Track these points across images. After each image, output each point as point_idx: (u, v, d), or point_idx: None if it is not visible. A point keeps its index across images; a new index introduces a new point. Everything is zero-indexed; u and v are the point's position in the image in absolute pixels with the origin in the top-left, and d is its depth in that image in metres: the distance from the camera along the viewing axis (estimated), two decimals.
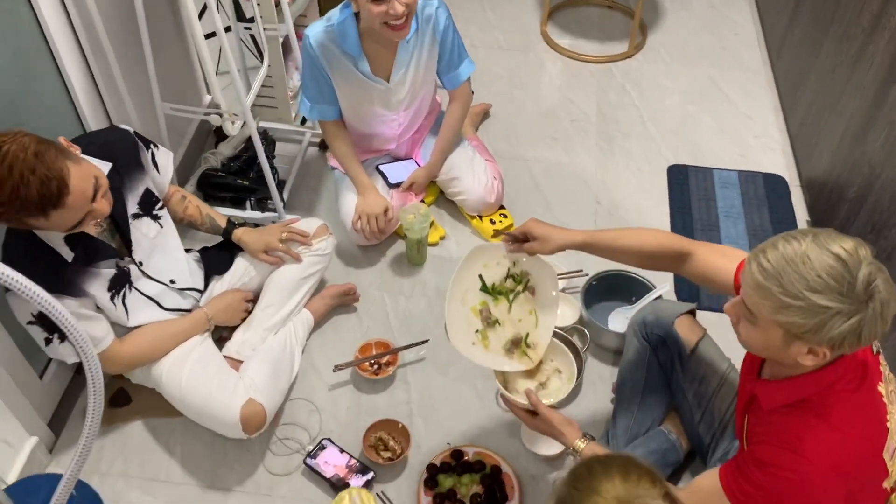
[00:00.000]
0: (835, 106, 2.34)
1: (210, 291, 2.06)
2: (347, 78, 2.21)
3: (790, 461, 1.24)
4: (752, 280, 1.20)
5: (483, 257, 1.72)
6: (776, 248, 1.18)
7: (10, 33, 1.73)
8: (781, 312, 1.17)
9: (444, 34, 2.21)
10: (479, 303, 1.73)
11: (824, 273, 1.13)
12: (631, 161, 2.72)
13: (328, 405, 2.05)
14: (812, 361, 1.21)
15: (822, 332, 1.15)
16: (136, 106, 2.17)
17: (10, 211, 1.45)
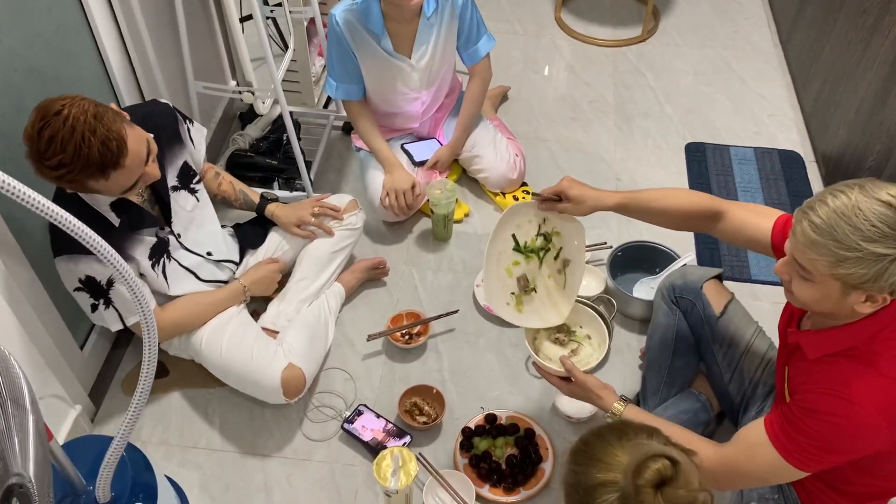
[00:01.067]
0: (850, 79, 2.39)
1: (245, 265, 2.10)
2: (371, 56, 2.25)
3: (842, 407, 1.26)
4: (804, 238, 1.20)
5: (517, 217, 1.73)
6: (825, 204, 1.18)
7: (54, 8, 1.78)
8: (840, 266, 1.17)
9: (463, 9, 2.25)
10: (512, 262, 1.75)
11: (878, 221, 1.14)
12: (649, 139, 2.77)
13: (362, 374, 2.09)
14: (871, 308, 1.22)
15: (882, 279, 1.16)
16: (167, 85, 2.22)
17: (72, 171, 1.49)
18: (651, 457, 1.03)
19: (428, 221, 2.46)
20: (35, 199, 1.12)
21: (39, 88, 1.75)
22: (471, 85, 2.43)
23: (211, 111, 2.63)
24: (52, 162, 1.47)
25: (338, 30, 2.20)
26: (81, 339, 2.02)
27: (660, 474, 1.02)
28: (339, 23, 2.19)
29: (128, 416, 1.42)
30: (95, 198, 1.67)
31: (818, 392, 1.30)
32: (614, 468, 1.06)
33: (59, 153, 1.46)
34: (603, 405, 1.61)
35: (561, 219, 1.73)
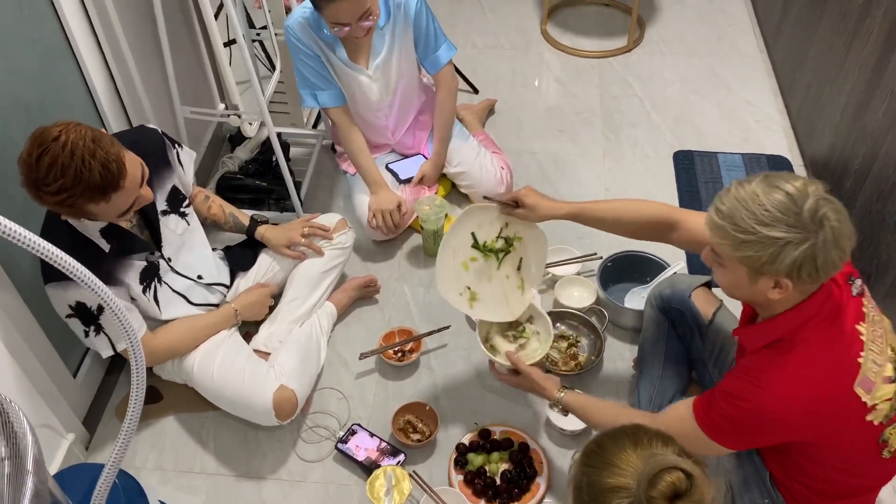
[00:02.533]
0: (834, 82, 2.41)
1: (235, 288, 2.11)
2: (330, 66, 2.24)
3: (749, 392, 1.35)
4: (711, 223, 1.31)
5: (477, 217, 1.81)
6: (730, 192, 1.28)
7: (38, 40, 1.80)
8: (740, 249, 1.26)
9: (417, 18, 2.23)
10: (470, 258, 1.84)
11: (772, 207, 1.22)
12: (637, 149, 2.78)
13: (355, 393, 2.09)
14: (779, 294, 1.30)
15: (777, 261, 1.24)
16: (155, 110, 2.23)
17: (73, 195, 1.49)
18: (666, 468, 1.05)
19: (418, 237, 2.46)
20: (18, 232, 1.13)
21: (25, 119, 1.76)
22: (438, 96, 2.43)
23: (200, 134, 2.65)
24: (52, 187, 1.47)
25: (294, 37, 2.18)
26: (74, 367, 2.03)
27: (674, 487, 1.04)
28: (296, 30, 2.17)
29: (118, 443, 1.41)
30: (85, 224, 1.68)
31: (737, 376, 1.39)
32: (627, 474, 1.08)
33: (59, 178, 1.47)
34: (547, 395, 1.71)
35: (524, 225, 1.81)
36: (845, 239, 1.24)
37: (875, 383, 1.34)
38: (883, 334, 1.40)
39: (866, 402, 1.34)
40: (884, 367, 1.36)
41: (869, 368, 1.34)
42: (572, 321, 2.20)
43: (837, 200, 1.25)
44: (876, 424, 1.37)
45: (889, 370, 1.37)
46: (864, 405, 1.35)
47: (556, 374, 2.06)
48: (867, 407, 1.35)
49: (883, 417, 1.38)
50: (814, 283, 1.29)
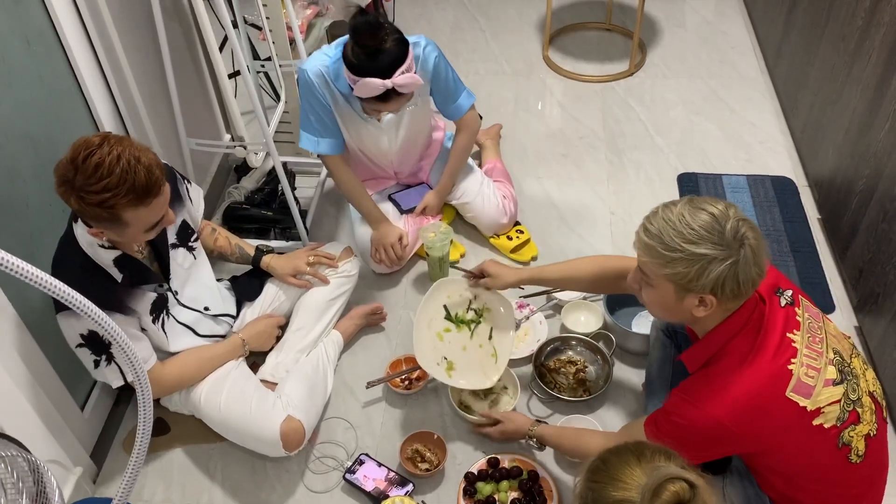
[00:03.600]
0: (836, 103, 2.41)
1: (242, 318, 2.11)
2: (340, 113, 2.22)
3: (686, 410, 1.43)
4: (640, 243, 1.40)
5: (447, 289, 1.98)
6: (657, 214, 1.38)
7: (46, 75, 1.82)
8: (668, 266, 1.35)
9: (435, 72, 2.21)
10: (444, 329, 2.00)
11: (698, 227, 1.32)
12: (641, 172, 2.78)
13: (363, 422, 2.08)
14: (704, 312, 1.39)
15: (703, 277, 1.33)
16: (161, 143, 2.25)
17: (117, 195, 1.50)
18: (669, 479, 1.07)
19: (424, 264, 2.47)
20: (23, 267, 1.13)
21: (33, 154, 1.78)
22: (458, 137, 2.43)
23: (206, 165, 2.67)
24: (97, 187, 1.49)
25: (309, 81, 2.14)
26: (82, 400, 2.03)
27: (677, 497, 1.06)
28: (311, 77, 2.13)
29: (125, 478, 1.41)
30: (99, 254, 1.68)
31: (675, 395, 1.48)
32: (631, 488, 1.11)
33: (105, 177, 1.49)
34: (522, 432, 1.86)
35: (491, 297, 2.02)
36: (761, 257, 1.35)
37: (813, 387, 1.39)
38: (823, 339, 1.45)
39: (806, 407, 1.38)
40: (823, 371, 1.41)
41: (803, 373, 1.39)
42: (579, 347, 2.19)
43: (752, 221, 1.36)
44: (828, 427, 1.40)
45: (831, 372, 1.42)
46: (805, 410, 1.38)
47: (565, 400, 2.06)
48: (809, 411, 1.39)
49: (835, 420, 1.40)
50: (736, 298, 1.37)
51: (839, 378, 1.42)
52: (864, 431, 1.44)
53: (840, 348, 1.48)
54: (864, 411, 1.45)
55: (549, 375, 2.14)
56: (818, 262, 2.41)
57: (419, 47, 2.15)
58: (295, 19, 2.41)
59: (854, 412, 1.43)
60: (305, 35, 2.68)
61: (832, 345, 1.47)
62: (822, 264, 2.41)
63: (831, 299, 2.30)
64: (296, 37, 2.45)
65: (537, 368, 2.13)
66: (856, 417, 1.43)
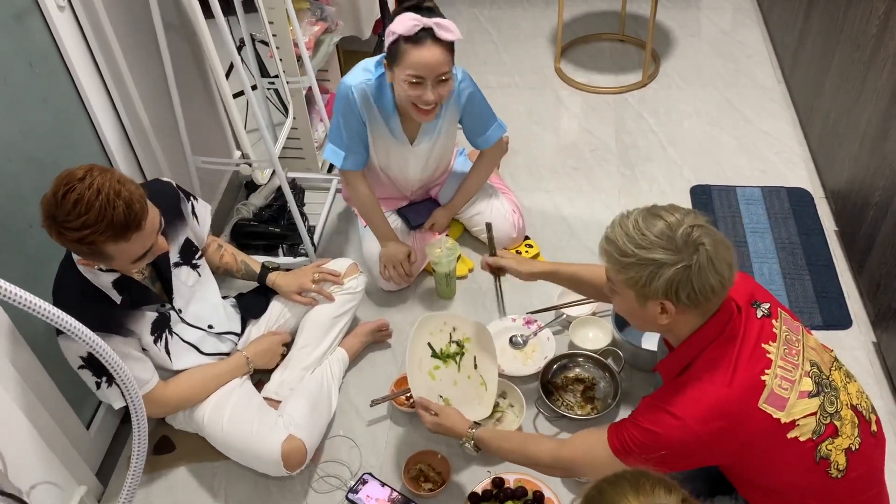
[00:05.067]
0: (851, 113, 2.36)
1: (247, 335, 2.11)
2: (374, 131, 2.23)
3: (657, 418, 1.41)
4: (600, 249, 1.43)
5: (428, 326, 1.96)
6: (616, 222, 1.40)
7: (51, 96, 1.84)
8: (622, 271, 1.37)
9: (468, 105, 2.23)
10: (433, 367, 1.96)
11: (649, 233, 1.34)
12: (654, 184, 2.74)
13: (367, 440, 2.06)
14: (666, 319, 1.39)
15: (655, 282, 1.34)
16: (168, 161, 2.27)
17: (95, 232, 1.50)
18: None
19: (431, 280, 2.45)
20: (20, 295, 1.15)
21: (38, 176, 1.80)
22: (481, 159, 2.42)
23: (216, 182, 2.68)
24: (75, 223, 1.49)
25: (351, 97, 2.13)
26: (88, 418, 2.03)
27: None
28: (355, 92, 2.12)
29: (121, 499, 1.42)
30: (98, 276, 1.69)
31: (647, 403, 1.46)
32: None
33: (83, 214, 1.48)
34: (458, 432, 1.77)
35: (468, 325, 2.01)
36: (722, 264, 1.33)
37: (787, 399, 1.37)
38: (800, 351, 1.43)
39: (780, 419, 1.36)
40: (798, 383, 1.38)
41: (777, 385, 1.37)
42: (587, 364, 2.15)
43: (717, 231, 1.36)
44: (804, 441, 1.37)
45: (807, 384, 1.39)
46: (779, 422, 1.36)
47: (572, 418, 2.02)
48: (783, 423, 1.36)
49: (811, 433, 1.37)
50: (697, 306, 1.36)
51: (815, 390, 1.40)
52: (843, 445, 1.40)
53: (818, 360, 1.45)
54: (844, 424, 1.41)
55: (556, 393, 2.11)
56: (835, 275, 2.35)
57: (455, 80, 2.15)
58: (301, 36, 2.42)
59: (831, 425, 1.39)
60: (313, 51, 2.68)
61: (809, 357, 1.44)
62: (839, 278, 2.35)
63: (848, 314, 2.24)
64: (302, 54, 2.45)
65: (544, 386, 2.10)
66: (833, 430, 1.39)
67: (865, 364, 2.12)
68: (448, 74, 2.02)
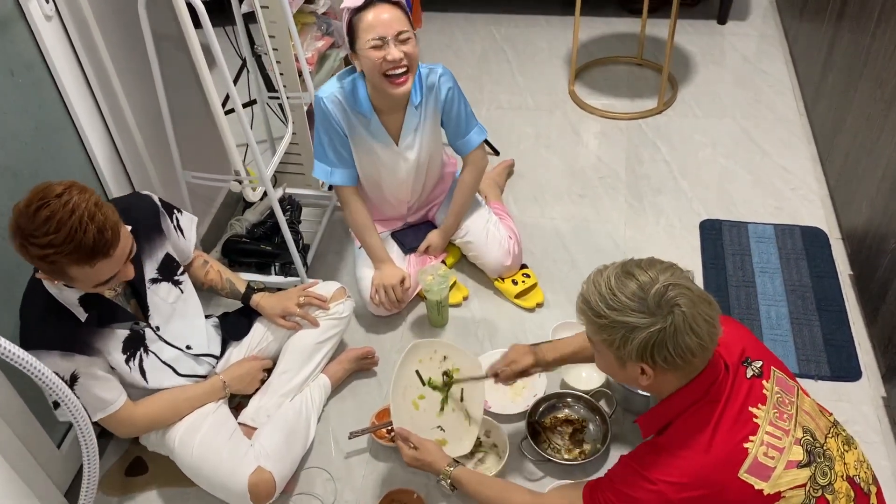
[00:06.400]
0: (871, 153, 2.24)
1: (227, 357, 2.05)
2: (358, 140, 2.19)
3: (632, 481, 1.34)
4: (577, 308, 1.37)
5: (418, 354, 1.89)
6: (590, 279, 1.35)
7: (33, 106, 1.80)
8: (597, 333, 1.32)
9: (448, 104, 2.18)
10: (418, 396, 1.89)
11: (621, 294, 1.28)
12: (662, 217, 2.64)
13: (343, 474, 1.99)
14: (646, 381, 1.33)
15: (628, 345, 1.28)
16: (160, 174, 2.22)
17: (60, 253, 1.45)
18: None
19: (423, 306, 2.37)
20: None
21: (14, 187, 1.75)
22: (464, 173, 2.36)
23: (213, 196, 2.64)
24: (42, 241, 1.44)
25: (325, 109, 2.11)
26: (60, 437, 1.98)
27: None
28: (327, 104, 2.11)
29: None
30: (64, 293, 1.64)
31: (624, 464, 1.40)
32: None
33: (52, 233, 1.44)
34: (436, 468, 1.70)
35: (459, 355, 1.93)
36: (700, 324, 1.26)
37: (773, 469, 1.27)
38: (792, 416, 1.34)
39: (763, 490, 1.26)
40: (787, 451, 1.29)
41: (762, 453, 1.28)
42: (578, 405, 2.06)
43: (696, 288, 1.29)
44: None
45: (797, 453, 1.29)
46: (761, 493, 1.26)
47: (558, 462, 1.93)
48: (767, 495, 1.26)
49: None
50: (676, 368, 1.30)
51: (806, 460, 1.30)
52: None
53: (813, 427, 1.35)
54: (838, 498, 1.31)
55: (543, 434, 2.02)
56: (846, 323, 2.23)
57: (435, 74, 2.14)
58: (302, 51, 2.36)
59: (822, 499, 1.29)
60: (318, 66, 2.63)
61: (803, 422, 1.34)
62: (851, 326, 2.23)
63: (858, 365, 2.12)
64: (303, 69, 2.40)
65: (531, 426, 2.01)
66: None
67: (872, 420, 2.00)
68: (408, 34, 1.98)
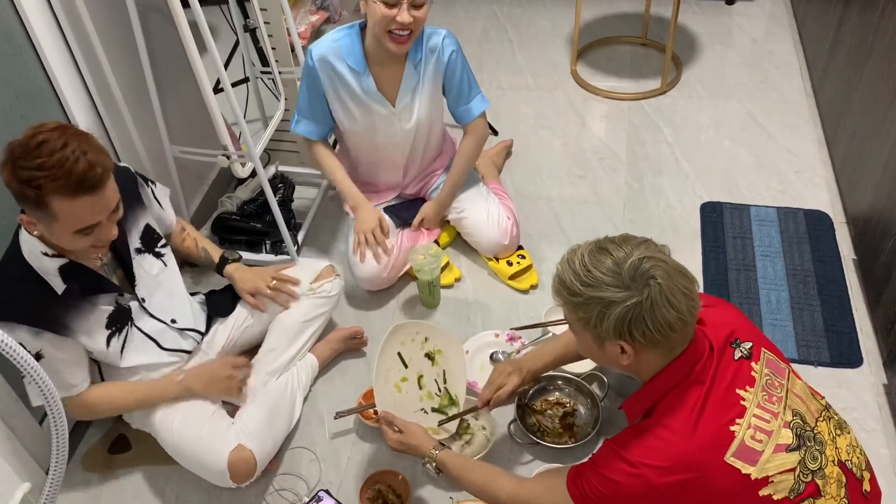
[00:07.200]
0: (878, 134, 2.17)
1: (213, 334, 2.01)
2: (352, 97, 2.14)
3: (615, 465, 1.29)
4: (553, 289, 1.33)
5: (399, 336, 1.83)
6: (564, 258, 1.31)
7: (13, 76, 1.76)
8: (574, 311, 1.28)
9: (450, 66, 2.14)
10: (401, 378, 1.83)
11: (594, 269, 1.24)
12: (662, 199, 2.58)
13: (329, 454, 1.95)
14: (626, 360, 1.29)
15: (606, 321, 1.23)
16: (147, 148, 2.18)
17: (48, 178, 1.41)
18: None
19: (415, 287, 2.33)
20: None
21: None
22: (464, 141, 2.30)
23: (205, 172, 2.60)
24: (32, 163, 1.42)
25: (311, 65, 2.09)
26: (41, 415, 1.95)
27: None
28: (314, 59, 2.08)
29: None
30: (43, 263, 1.60)
31: (608, 448, 1.35)
32: None
33: (44, 156, 1.42)
34: (421, 450, 1.64)
35: (441, 337, 1.88)
36: (678, 297, 1.22)
37: (760, 452, 1.22)
38: (782, 399, 1.29)
39: (751, 475, 1.22)
40: (776, 435, 1.24)
41: (749, 436, 1.23)
42: (570, 388, 2.01)
43: (672, 261, 1.25)
44: (778, 499, 1.22)
45: (786, 437, 1.24)
46: (748, 478, 1.21)
47: (548, 446, 1.89)
48: (754, 480, 1.21)
49: (788, 492, 1.23)
50: (656, 345, 1.25)
51: (795, 443, 1.25)
52: None
53: (803, 410, 1.31)
54: (828, 483, 1.26)
55: (533, 417, 1.98)
56: (848, 308, 2.17)
57: (438, 36, 2.11)
58: (294, 25, 2.32)
59: (813, 484, 1.24)
60: (311, 41, 2.58)
61: (793, 405, 1.30)
62: (854, 312, 2.17)
63: (859, 351, 2.06)
64: (295, 43, 2.35)
65: (521, 408, 1.97)
66: (814, 490, 1.24)
67: (872, 408, 1.94)
68: (423, 1, 1.94)
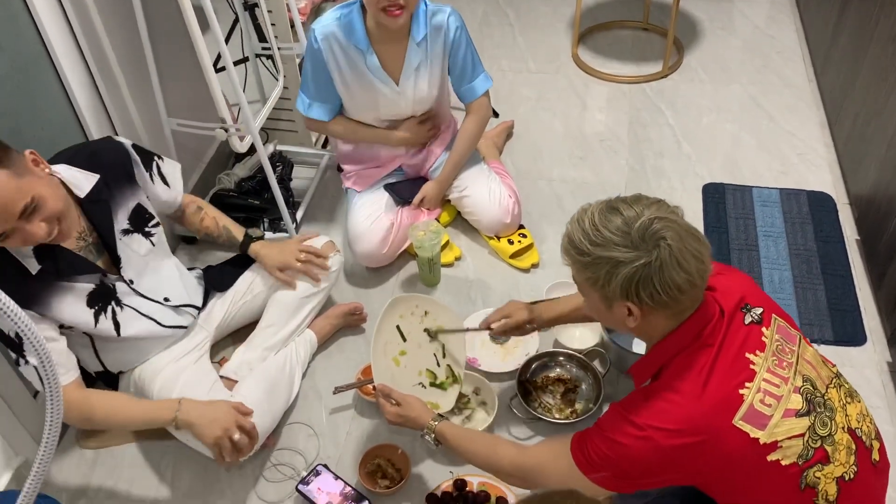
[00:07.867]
0: (881, 114, 2.16)
1: (210, 308, 1.99)
2: (356, 75, 2.12)
3: (621, 429, 1.27)
4: (561, 248, 1.30)
5: (399, 309, 1.80)
6: (574, 218, 1.28)
7: (8, 43, 1.73)
8: (581, 272, 1.26)
9: (455, 44, 2.12)
10: (399, 352, 1.79)
11: (604, 228, 1.22)
12: (663, 180, 2.57)
13: (328, 430, 1.93)
14: (633, 322, 1.26)
15: (613, 282, 1.21)
16: (144, 120, 2.15)
17: None
18: None
19: (415, 264, 2.31)
20: None
21: None
22: (467, 120, 2.28)
23: (203, 148, 2.57)
24: None
25: (315, 45, 2.07)
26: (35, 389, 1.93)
27: None
28: (318, 38, 2.06)
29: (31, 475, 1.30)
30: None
31: (614, 410, 1.32)
32: None
33: None
34: (420, 422, 1.62)
35: (441, 310, 1.86)
36: (688, 259, 1.19)
37: (769, 417, 1.21)
38: (792, 364, 1.27)
39: (759, 439, 1.20)
40: (785, 399, 1.22)
41: (758, 400, 1.21)
42: (571, 364, 2.00)
43: (684, 223, 1.23)
44: (787, 465, 1.21)
45: (796, 402, 1.23)
46: (757, 442, 1.20)
47: (549, 421, 1.87)
48: (763, 444, 1.20)
49: (796, 457, 1.21)
50: (664, 307, 1.23)
51: (805, 409, 1.24)
52: (835, 473, 1.23)
53: (814, 376, 1.29)
54: (837, 450, 1.24)
55: (534, 393, 1.96)
56: (851, 287, 2.16)
57: (443, 13, 2.09)
58: (294, 1, 2.29)
59: (822, 450, 1.23)
60: (311, 17, 2.56)
61: (803, 371, 1.28)
62: (857, 291, 2.15)
63: (863, 330, 2.05)
64: (295, 19, 2.33)
65: (522, 384, 1.95)
66: (823, 456, 1.23)
67: (877, 385, 1.93)
68: None
